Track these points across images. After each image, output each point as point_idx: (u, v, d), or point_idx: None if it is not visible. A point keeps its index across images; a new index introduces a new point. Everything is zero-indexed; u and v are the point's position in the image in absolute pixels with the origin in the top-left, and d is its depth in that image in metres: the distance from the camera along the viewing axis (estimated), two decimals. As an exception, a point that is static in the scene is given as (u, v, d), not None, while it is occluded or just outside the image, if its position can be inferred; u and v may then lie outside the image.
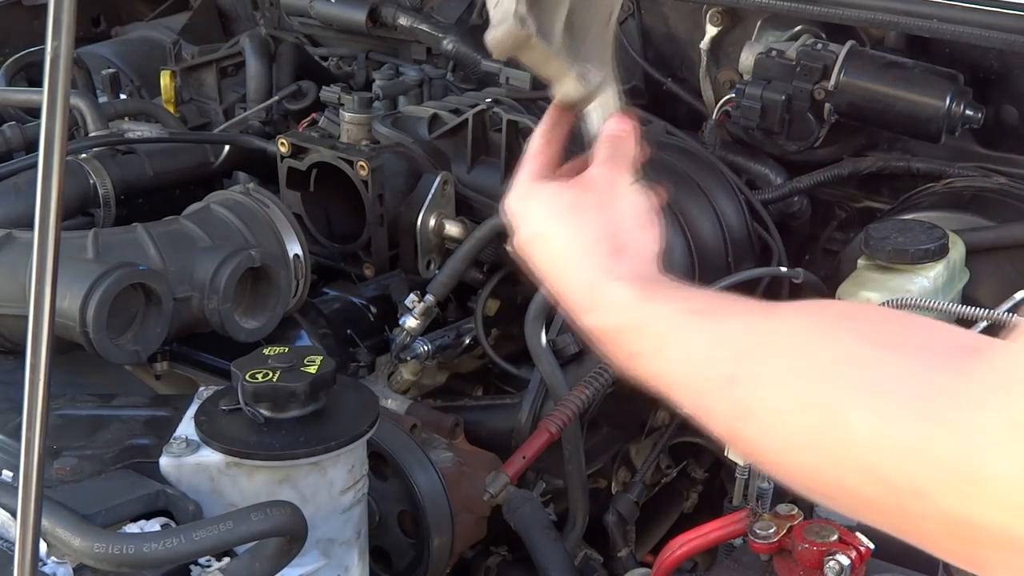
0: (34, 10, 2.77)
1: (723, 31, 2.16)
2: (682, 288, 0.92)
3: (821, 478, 0.71)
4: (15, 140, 1.98)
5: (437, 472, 1.56)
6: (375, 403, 1.37)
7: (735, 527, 1.33)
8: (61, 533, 1.10)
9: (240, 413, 1.29)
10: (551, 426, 1.54)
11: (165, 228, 1.63)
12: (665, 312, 0.87)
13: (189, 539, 1.11)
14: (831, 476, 0.69)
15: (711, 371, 0.79)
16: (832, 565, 1.21)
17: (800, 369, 0.73)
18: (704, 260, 1.88)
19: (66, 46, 0.74)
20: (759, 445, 0.75)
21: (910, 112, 1.92)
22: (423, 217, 1.82)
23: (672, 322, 0.86)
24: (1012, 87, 1.98)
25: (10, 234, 1.55)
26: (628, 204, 1.01)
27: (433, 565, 1.57)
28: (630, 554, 1.86)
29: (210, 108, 2.44)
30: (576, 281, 0.96)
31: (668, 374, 0.84)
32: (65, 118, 0.77)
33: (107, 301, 1.44)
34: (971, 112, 1.91)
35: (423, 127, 1.98)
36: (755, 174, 2.12)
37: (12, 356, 1.55)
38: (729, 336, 0.80)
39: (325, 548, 1.33)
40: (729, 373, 0.77)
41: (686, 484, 2.11)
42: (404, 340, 1.72)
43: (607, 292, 0.92)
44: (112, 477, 1.27)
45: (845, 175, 2.08)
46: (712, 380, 0.79)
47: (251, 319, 1.62)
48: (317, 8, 2.50)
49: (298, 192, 1.87)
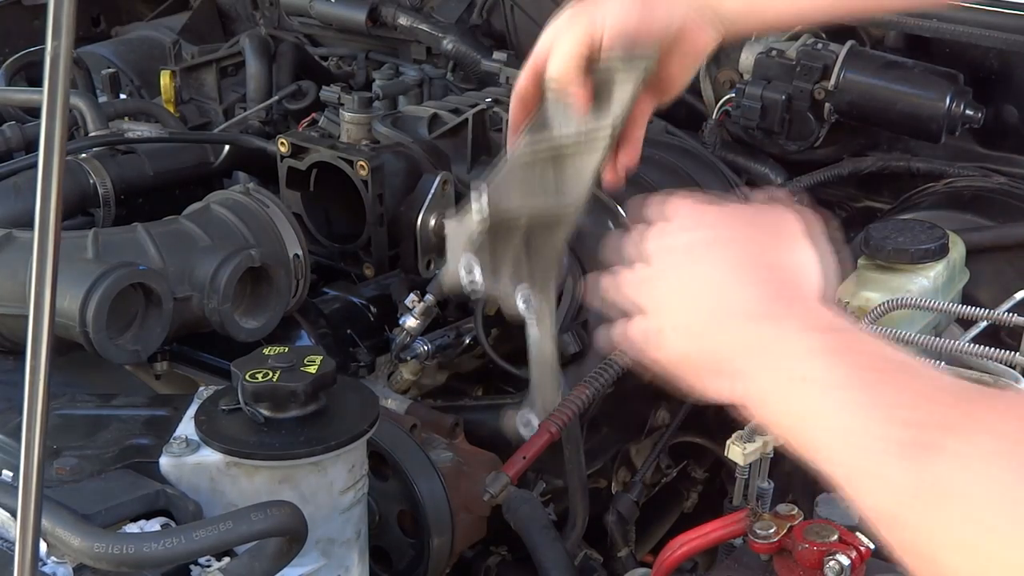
0: (34, 10, 2.77)
1: (723, 31, 2.15)
2: (863, 335, 0.79)
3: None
4: (15, 140, 1.98)
5: (437, 472, 1.56)
6: (375, 403, 1.37)
7: (735, 527, 1.33)
8: (61, 533, 1.10)
9: (240, 413, 1.29)
10: (551, 426, 1.54)
11: (165, 228, 1.63)
12: (843, 363, 0.75)
13: (189, 539, 1.11)
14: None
15: (891, 432, 0.68)
16: (832, 565, 1.21)
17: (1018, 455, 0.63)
18: (704, 260, 1.88)
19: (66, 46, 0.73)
20: (942, 532, 0.64)
21: (910, 112, 1.92)
22: (423, 217, 1.82)
23: (850, 376, 0.73)
24: (1012, 87, 1.98)
25: (10, 234, 1.55)
26: (785, 229, 0.89)
27: (433, 565, 1.57)
28: (630, 554, 1.86)
29: (210, 108, 2.44)
30: (735, 333, 0.83)
31: (830, 429, 0.72)
32: (65, 118, 0.77)
33: (107, 301, 1.43)
34: (971, 112, 1.91)
35: (423, 127, 1.98)
36: (755, 174, 2.12)
37: (12, 356, 1.55)
38: (924, 398, 0.70)
39: (325, 548, 1.32)
40: (920, 440, 0.66)
41: (686, 484, 2.11)
42: (404, 340, 1.72)
43: (780, 341, 0.79)
44: (112, 477, 1.27)
45: (845, 175, 2.08)
46: (891, 442, 0.68)
47: (251, 319, 1.62)
48: (317, 8, 2.50)
49: (298, 192, 1.87)
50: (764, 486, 1.46)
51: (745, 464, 1.42)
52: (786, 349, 0.78)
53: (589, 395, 1.56)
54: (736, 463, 1.42)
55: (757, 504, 1.44)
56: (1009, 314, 1.51)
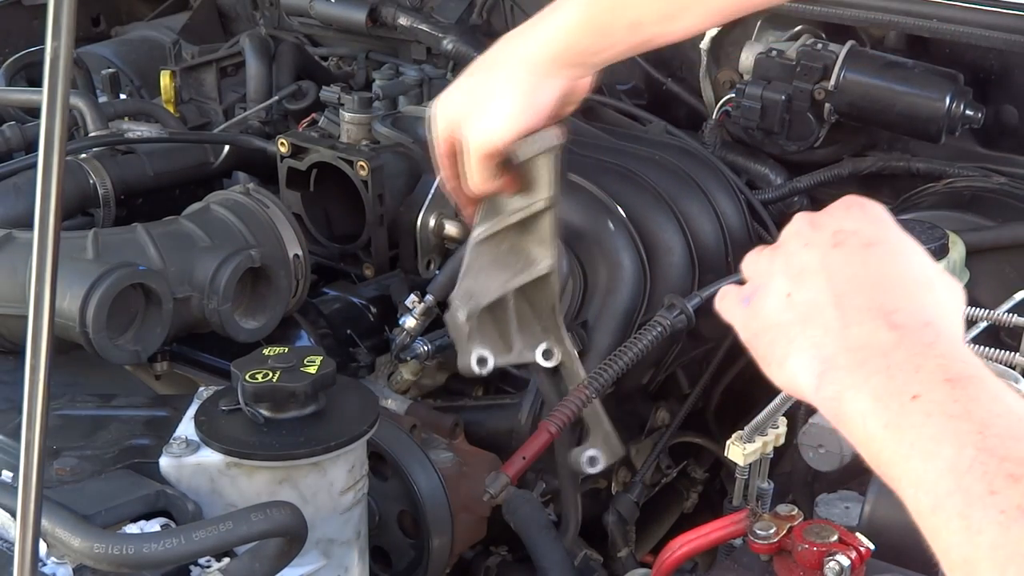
0: (34, 10, 2.77)
1: (723, 31, 2.16)
2: (993, 380, 0.73)
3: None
4: (15, 140, 1.98)
5: (437, 472, 1.56)
6: (375, 403, 1.37)
7: (735, 527, 1.33)
8: (61, 533, 1.10)
9: (240, 413, 1.29)
10: (551, 426, 1.54)
11: (165, 228, 1.63)
12: (965, 396, 0.71)
13: (189, 539, 1.11)
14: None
15: (996, 483, 0.65)
16: (832, 566, 1.21)
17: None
18: (704, 260, 1.88)
19: (66, 46, 0.73)
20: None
21: (910, 112, 1.92)
22: (423, 217, 1.82)
23: (968, 411, 0.70)
24: (1012, 87, 1.98)
25: (10, 234, 1.55)
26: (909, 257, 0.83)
27: (433, 565, 1.57)
28: (630, 554, 1.86)
29: (210, 108, 2.44)
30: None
31: (930, 455, 0.69)
32: (65, 118, 0.77)
33: (107, 301, 1.43)
34: (971, 112, 1.91)
35: (423, 127, 1.97)
36: (755, 174, 2.12)
37: (12, 356, 1.55)
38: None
39: (325, 548, 1.32)
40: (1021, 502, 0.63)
41: (686, 484, 2.11)
42: (404, 340, 1.72)
43: (907, 352, 0.75)
44: (112, 477, 1.27)
45: (845, 175, 2.08)
46: (992, 493, 0.65)
47: (251, 319, 1.62)
48: (317, 8, 2.50)
49: (298, 192, 1.87)
50: (764, 486, 1.46)
51: (745, 464, 1.42)
52: (909, 362, 0.74)
53: (589, 395, 1.55)
54: (736, 463, 1.43)
55: (757, 504, 1.44)
56: (1009, 314, 1.51)
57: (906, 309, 0.78)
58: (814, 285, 0.82)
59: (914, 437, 0.70)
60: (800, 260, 0.84)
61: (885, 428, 0.72)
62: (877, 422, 0.73)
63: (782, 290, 0.84)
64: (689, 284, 1.86)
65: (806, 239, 0.86)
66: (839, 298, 0.80)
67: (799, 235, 0.87)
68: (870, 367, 0.75)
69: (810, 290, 0.82)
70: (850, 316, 0.79)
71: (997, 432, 0.68)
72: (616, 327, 1.75)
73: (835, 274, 0.82)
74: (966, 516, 0.66)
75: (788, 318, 0.83)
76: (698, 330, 1.95)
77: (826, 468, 1.59)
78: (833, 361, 0.78)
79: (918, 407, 0.71)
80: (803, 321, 0.81)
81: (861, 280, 0.81)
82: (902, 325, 0.77)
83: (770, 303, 0.85)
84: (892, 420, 0.72)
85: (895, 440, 0.72)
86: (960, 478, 0.67)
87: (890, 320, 0.77)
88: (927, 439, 0.70)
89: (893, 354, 0.75)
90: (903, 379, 0.73)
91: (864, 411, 0.74)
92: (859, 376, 0.75)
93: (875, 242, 0.84)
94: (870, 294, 0.79)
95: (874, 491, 1.40)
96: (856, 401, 0.75)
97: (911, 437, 0.71)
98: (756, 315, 0.86)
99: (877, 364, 0.75)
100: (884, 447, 0.72)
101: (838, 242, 0.84)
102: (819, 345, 0.80)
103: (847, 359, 0.77)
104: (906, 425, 0.71)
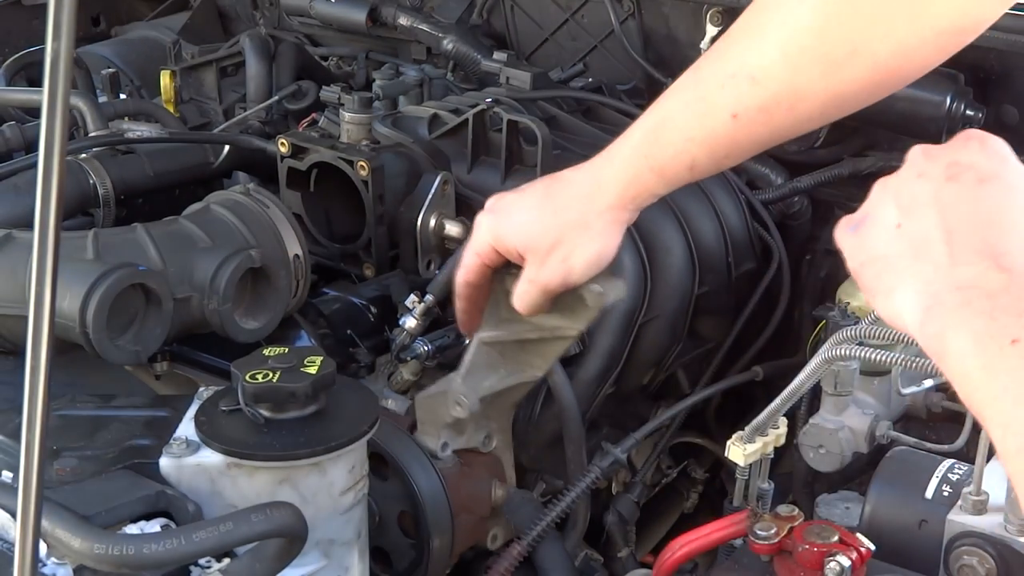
0: (34, 10, 2.77)
1: (723, 31, 2.15)
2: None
3: None
4: (15, 140, 1.97)
5: (437, 472, 1.56)
6: (375, 403, 1.37)
7: (736, 528, 1.33)
8: (61, 534, 1.10)
9: (240, 414, 1.29)
10: None
11: (165, 228, 1.62)
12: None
13: (189, 540, 1.11)
14: None
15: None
16: (833, 566, 1.21)
17: None
18: (704, 260, 1.88)
19: (66, 46, 0.73)
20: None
21: (910, 112, 1.91)
22: (423, 217, 1.82)
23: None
24: (1012, 87, 1.97)
25: (10, 234, 1.55)
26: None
27: (433, 566, 1.57)
28: (630, 554, 1.86)
29: (210, 108, 2.44)
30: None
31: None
32: (65, 118, 0.77)
33: (107, 301, 1.43)
34: (971, 112, 1.91)
35: (423, 127, 1.98)
36: (755, 174, 2.12)
37: (12, 357, 1.55)
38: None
39: (325, 549, 1.32)
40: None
41: (686, 484, 2.11)
42: (404, 340, 1.71)
43: (1011, 296, 0.75)
44: (112, 478, 1.27)
45: (845, 175, 2.08)
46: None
47: (251, 319, 1.62)
48: (317, 8, 2.49)
49: (298, 192, 1.87)
50: (764, 487, 1.46)
51: (745, 465, 1.42)
52: (1014, 306, 0.74)
53: (522, 551, 1.59)
54: (736, 464, 1.43)
55: (757, 505, 1.44)
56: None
57: (1016, 251, 0.78)
58: (925, 218, 0.81)
59: (1008, 381, 0.71)
60: (912, 190, 0.83)
61: (982, 369, 0.73)
62: (975, 362, 0.73)
63: (892, 220, 0.83)
64: (689, 284, 1.86)
65: (920, 169, 0.84)
66: (949, 234, 0.79)
67: (913, 165, 0.85)
68: (975, 308, 0.75)
69: (921, 223, 0.81)
70: (959, 254, 0.78)
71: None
72: (616, 327, 1.75)
73: (947, 208, 0.81)
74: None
75: (897, 249, 0.82)
76: (698, 330, 1.95)
77: (826, 468, 1.59)
78: (939, 298, 0.77)
79: (1016, 351, 0.72)
80: (912, 254, 0.81)
81: (973, 217, 0.80)
82: (1010, 268, 0.77)
83: (879, 233, 0.84)
84: (989, 362, 0.73)
85: (989, 381, 0.72)
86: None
87: (999, 262, 0.77)
88: (1020, 384, 0.71)
89: (999, 297, 0.75)
90: (1005, 322, 0.73)
91: (964, 351, 0.74)
92: (963, 316, 0.75)
93: (990, 178, 0.82)
94: (981, 233, 0.79)
95: (875, 491, 1.40)
96: (957, 340, 0.75)
97: (1005, 380, 0.71)
98: (864, 244, 0.85)
99: (982, 305, 0.75)
100: (978, 387, 0.73)
101: (952, 175, 0.82)
102: (927, 281, 0.79)
103: (953, 298, 0.77)
104: (1002, 368, 0.72)
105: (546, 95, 2.09)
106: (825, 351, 1.34)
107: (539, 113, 2.02)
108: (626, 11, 2.26)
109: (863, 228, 0.86)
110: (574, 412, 1.67)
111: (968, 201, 0.81)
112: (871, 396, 1.63)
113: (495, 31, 2.45)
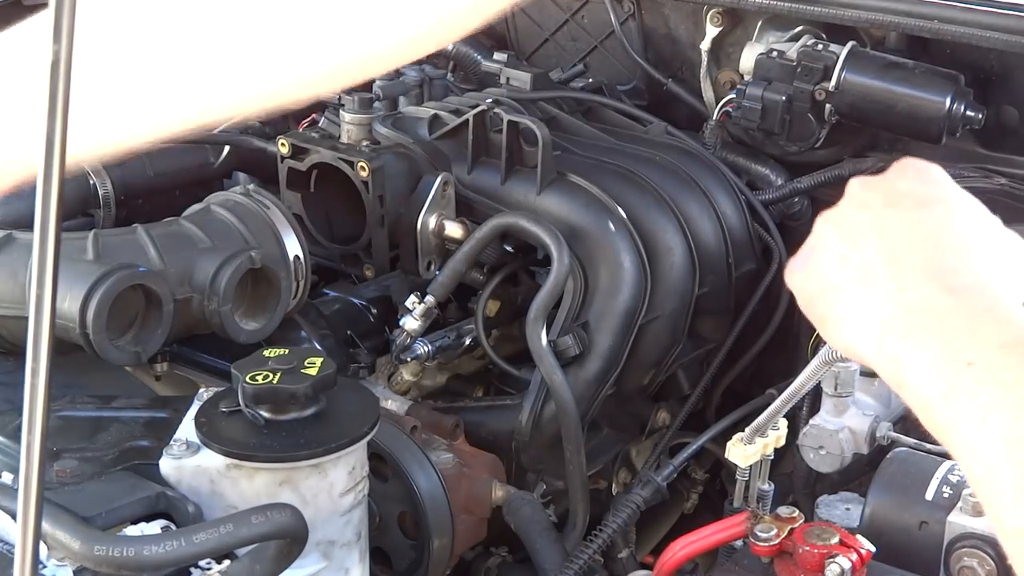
0: (34, 10, 2.77)
1: (724, 32, 2.15)
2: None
3: None
4: (15, 141, 1.97)
5: (437, 473, 1.56)
6: (375, 404, 1.37)
7: (736, 529, 1.33)
8: (61, 536, 1.10)
9: (240, 415, 1.29)
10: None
11: (165, 229, 1.62)
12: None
13: (189, 542, 1.11)
14: None
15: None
16: (833, 568, 1.21)
17: None
18: (705, 261, 1.88)
19: (66, 47, 0.73)
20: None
21: (911, 113, 1.91)
22: (423, 218, 1.81)
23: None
24: (1012, 88, 1.97)
25: (10, 235, 1.55)
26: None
27: (433, 566, 1.57)
28: (631, 555, 1.86)
29: (210, 108, 2.44)
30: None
31: (987, 424, 0.68)
32: (65, 118, 0.77)
33: (107, 302, 1.43)
34: (972, 113, 1.91)
35: (423, 128, 1.98)
36: (756, 175, 2.11)
37: (12, 357, 1.54)
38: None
39: (326, 550, 1.32)
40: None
41: (686, 485, 2.11)
42: (404, 341, 1.71)
43: (962, 317, 0.74)
44: (112, 479, 1.27)
45: (846, 176, 2.08)
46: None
47: (251, 320, 1.62)
48: (317, 8, 2.49)
49: (298, 193, 1.87)
50: (765, 488, 1.46)
51: (746, 466, 1.42)
52: (965, 326, 0.73)
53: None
54: (737, 465, 1.42)
55: (758, 506, 1.44)
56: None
57: (962, 271, 0.77)
58: (868, 246, 0.81)
59: (967, 405, 0.70)
60: (853, 220, 0.83)
61: (940, 395, 0.71)
62: (932, 388, 0.72)
63: (836, 252, 0.83)
64: (690, 285, 1.86)
65: (859, 200, 0.84)
66: (894, 260, 0.79)
67: (852, 196, 0.85)
68: (926, 331, 0.74)
69: (864, 251, 0.81)
70: (905, 279, 0.77)
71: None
72: (617, 328, 1.75)
73: (889, 234, 0.80)
74: (1018, 487, 0.65)
75: (843, 279, 0.81)
76: (698, 330, 1.95)
77: (827, 469, 1.59)
78: (890, 324, 0.76)
79: (972, 374, 0.70)
80: (859, 283, 0.80)
81: (915, 241, 0.79)
82: (958, 288, 0.75)
83: (824, 265, 0.83)
84: (947, 386, 0.71)
85: (949, 407, 0.71)
86: (1012, 448, 0.66)
87: (945, 283, 0.76)
88: (980, 408, 0.69)
89: (948, 318, 0.74)
90: (958, 345, 0.72)
91: (920, 376, 0.73)
92: (915, 340, 0.74)
93: (929, 201, 0.82)
94: (925, 255, 0.78)
95: (875, 493, 1.40)
96: (913, 366, 0.74)
97: (964, 405, 0.70)
98: (810, 278, 0.85)
99: (933, 328, 0.74)
100: (939, 413, 0.72)
101: (890, 202, 0.82)
102: (876, 307, 0.78)
103: (903, 323, 0.76)
104: (960, 393, 0.70)
105: (546, 96, 2.09)
106: (825, 352, 1.34)
107: (539, 114, 2.02)
108: (626, 12, 2.25)
109: (809, 263, 0.85)
110: (573, 413, 1.67)
111: (909, 225, 0.81)
112: (871, 397, 1.62)
113: (495, 31, 2.45)
